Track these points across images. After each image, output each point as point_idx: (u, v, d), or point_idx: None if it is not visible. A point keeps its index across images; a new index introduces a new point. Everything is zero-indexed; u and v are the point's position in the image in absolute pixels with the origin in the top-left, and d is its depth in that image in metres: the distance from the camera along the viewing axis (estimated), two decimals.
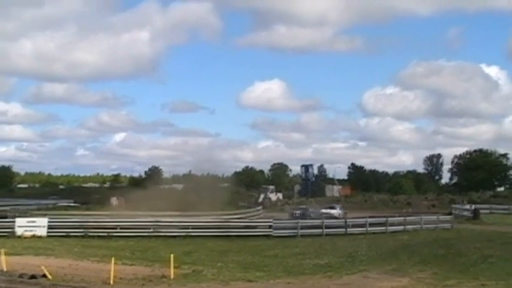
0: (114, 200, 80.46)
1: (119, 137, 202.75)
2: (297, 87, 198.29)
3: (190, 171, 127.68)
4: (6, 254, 23.88)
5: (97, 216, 47.26)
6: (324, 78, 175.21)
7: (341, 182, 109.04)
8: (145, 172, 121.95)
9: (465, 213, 60.52)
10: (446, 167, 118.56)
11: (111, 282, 20.62)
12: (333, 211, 56.39)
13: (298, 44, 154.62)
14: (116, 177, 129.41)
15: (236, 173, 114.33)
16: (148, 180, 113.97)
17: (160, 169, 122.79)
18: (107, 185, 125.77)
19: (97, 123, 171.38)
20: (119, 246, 33.93)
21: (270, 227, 41.27)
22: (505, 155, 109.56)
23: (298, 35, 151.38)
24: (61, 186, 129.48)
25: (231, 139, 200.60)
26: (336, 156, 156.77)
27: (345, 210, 59.90)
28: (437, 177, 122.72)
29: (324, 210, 55.51)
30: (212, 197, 61.17)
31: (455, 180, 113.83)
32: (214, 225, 41.30)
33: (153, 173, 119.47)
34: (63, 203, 76.59)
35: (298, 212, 54.45)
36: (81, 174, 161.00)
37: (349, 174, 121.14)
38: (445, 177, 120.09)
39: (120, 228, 39.23)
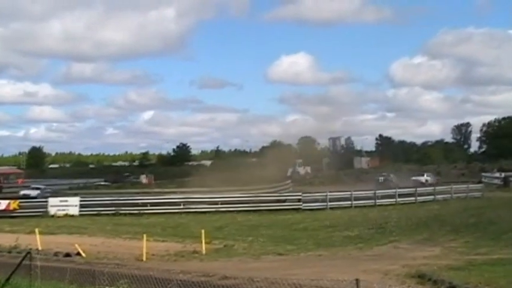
0: (143, 178, 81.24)
1: (148, 115, 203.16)
2: (324, 60, 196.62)
3: (218, 147, 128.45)
4: (40, 233, 24.28)
5: (127, 194, 47.70)
6: (352, 50, 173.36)
7: (369, 153, 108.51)
8: (174, 149, 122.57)
9: (495, 181, 59.98)
10: (475, 135, 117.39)
11: (144, 258, 20.84)
12: (421, 178, 63.24)
13: (325, 16, 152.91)
14: (145, 155, 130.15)
15: (264, 148, 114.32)
16: (176, 158, 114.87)
17: (189, 146, 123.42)
18: (136, 163, 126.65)
19: (125, 101, 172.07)
20: (150, 223, 34.25)
21: (299, 200, 41.30)
22: None
23: (325, 7, 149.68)
24: (91, 166, 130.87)
25: (259, 114, 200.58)
26: (365, 128, 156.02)
27: (437, 177, 66.40)
28: (466, 146, 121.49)
29: (414, 178, 62.09)
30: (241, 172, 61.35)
31: (484, 148, 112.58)
32: (243, 200, 41.41)
33: (182, 150, 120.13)
34: (94, 181, 77.53)
35: (381, 178, 62.53)
36: (111, 153, 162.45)
37: (377, 145, 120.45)
38: (474, 146, 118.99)
39: (151, 206, 39.61)
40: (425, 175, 65.83)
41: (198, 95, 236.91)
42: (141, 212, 38.59)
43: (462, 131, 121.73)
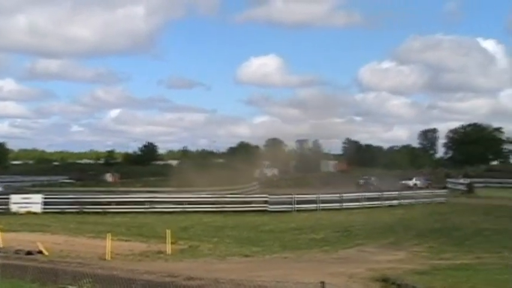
0: (108, 176, 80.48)
1: (114, 113, 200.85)
2: (293, 62, 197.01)
3: (185, 147, 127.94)
4: (1, 230, 23.87)
5: (92, 193, 47.17)
6: (321, 53, 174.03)
7: (336, 157, 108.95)
8: (140, 149, 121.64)
9: (460, 187, 60.73)
10: (441, 141, 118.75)
11: (108, 258, 20.60)
12: (409, 182, 64.31)
13: (295, 19, 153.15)
14: (111, 154, 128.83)
15: (231, 149, 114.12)
16: (143, 157, 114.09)
17: (156, 145, 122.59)
18: (102, 161, 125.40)
19: (92, 99, 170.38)
20: (114, 222, 33.89)
21: (265, 202, 41.27)
22: (499, 129, 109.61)
23: (296, 10, 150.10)
24: (55, 163, 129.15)
25: (227, 115, 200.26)
26: (332, 132, 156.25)
27: (428, 181, 66.70)
28: (432, 151, 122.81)
29: (403, 182, 63.58)
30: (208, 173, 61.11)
31: (450, 154, 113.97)
32: (210, 201, 41.25)
33: (148, 149, 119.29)
34: (58, 179, 76.50)
35: (361, 181, 63.26)
36: (76, 151, 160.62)
37: (344, 149, 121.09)
38: (440, 152, 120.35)
39: (116, 204, 39.21)
40: (414, 179, 66.34)
41: (166, 95, 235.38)
42: (106, 210, 38.16)
43: (428, 136, 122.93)
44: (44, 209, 37.98)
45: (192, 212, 38.20)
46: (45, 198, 39.32)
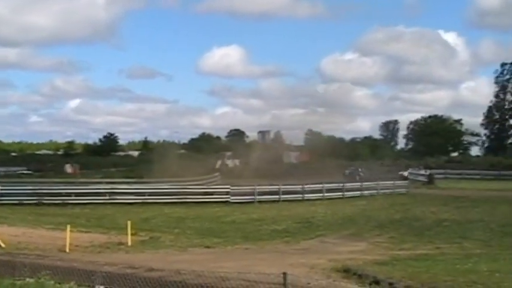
0: (68, 167, 79.47)
1: (74, 103, 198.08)
2: (256, 53, 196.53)
3: (146, 137, 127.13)
4: None
5: (51, 184, 46.50)
6: (284, 44, 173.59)
7: (298, 148, 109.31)
8: (100, 139, 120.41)
9: (420, 178, 61.50)
10: (402, 132, 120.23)
11: (67, 249, 20.32)
12: (404, 173, 62.52)
13: (258, 10, 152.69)
14: (70, 144, 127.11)
15: (193, 140, 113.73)
16: (103, 147, 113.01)
17: (116, 136, 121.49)
18: (61, 152, 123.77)
19: (51, 89, 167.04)
20: (74, 213, 33.49)
21: (227, 193, 41.19)
22: (459, 121, 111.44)
23: (259, 1, 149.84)
24: (13, 154, 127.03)
25: (189, 106, 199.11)
26: (295, 123, 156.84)
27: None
28: (393, 143, 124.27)
29: (399, 173, 61.83)
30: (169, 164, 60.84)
31: (410, 146, 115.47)
32: (171, 192, 40.99)
33: (109, 140, 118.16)
34: (16, 170, 75.25)
35: (347, 171, 62.41)
36: (34, 142, 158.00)
37: (306, 140, 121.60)
38: (401, 143, 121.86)
39: (75, 196, 38.73)
40: (409, 170, 66.38)
41: (127, 85, 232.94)
42: (65, 202, 37.64)
43: (390, 128, 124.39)
44: (1, 200, 37.23)
45: (153, 203, 37.92)
46: (2, 189, 38.57)
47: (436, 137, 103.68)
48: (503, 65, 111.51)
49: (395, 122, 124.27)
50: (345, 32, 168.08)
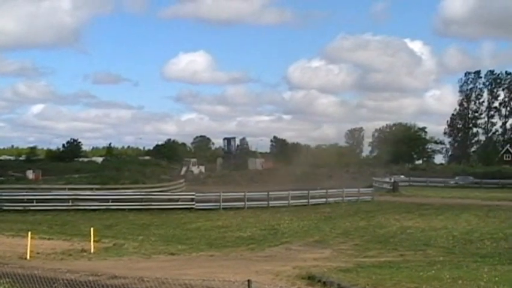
0: (30, 173, 78.27)
1: (37, 108, 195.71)
2: (222, 59, 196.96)
3: (110, 143, 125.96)
4: None
5: (12, 190, 45.76)
6: (251, 51, 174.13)
7: (263, 155, 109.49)
8: (64, 145, 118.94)
9: (385, 185, 62.01)
10: (368, 140, 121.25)
11: (28, 257, 19.95)
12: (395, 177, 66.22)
13: (225, 16, 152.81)
14: (33, 150, 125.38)
15: (158, 146, 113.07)
16: (66, 153, 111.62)
17: (80, 142, 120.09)
18: (23, 158, 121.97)
19: (13, 94, 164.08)
20: (35, 220, 33.00)
21: (192, 200, 41.00)
22: (423, 129, 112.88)
23: (225, 7, 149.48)
24: None
25: (155, 112, 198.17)
26: (260, 130, 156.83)
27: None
28: (358, 150, 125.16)
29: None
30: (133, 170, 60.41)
31: (375, 153, 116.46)
32: (135, 198, 40.68)
33: (72, 146, 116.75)
34: None
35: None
36: None
37: (272, 147, 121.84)
38: (366, 151, 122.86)
39: (37, 202, 38.15)
40: (402, 176, 68.66)
41: (92, 90, 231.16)
42: (27, 208, 37.07)
43: (355, 135, 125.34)
44: None
45: (117, 210, 37.52)
46: None
47: (400, 144, 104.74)
48: (467, 74, 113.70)
49: (361, 129, 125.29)
50: (312, 40, 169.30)
